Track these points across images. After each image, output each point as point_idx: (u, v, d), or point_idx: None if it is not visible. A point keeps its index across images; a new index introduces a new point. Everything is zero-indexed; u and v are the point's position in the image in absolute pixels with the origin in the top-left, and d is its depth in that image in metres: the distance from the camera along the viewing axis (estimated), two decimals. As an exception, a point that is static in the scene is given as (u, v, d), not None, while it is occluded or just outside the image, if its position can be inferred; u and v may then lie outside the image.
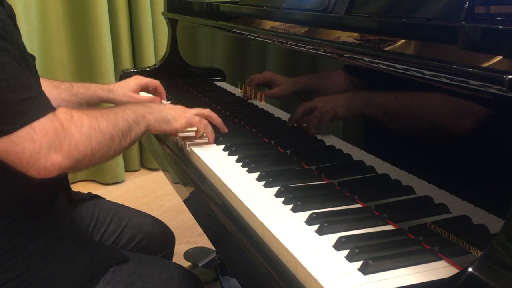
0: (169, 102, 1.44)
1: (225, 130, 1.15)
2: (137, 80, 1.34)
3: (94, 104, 1.27)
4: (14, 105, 0.76)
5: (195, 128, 1.12)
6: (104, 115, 0.89)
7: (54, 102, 1.20)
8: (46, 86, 1.20)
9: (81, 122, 0.83)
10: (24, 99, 0.77)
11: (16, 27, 0.91)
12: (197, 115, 1.09)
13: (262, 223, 0.76)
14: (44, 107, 0.79)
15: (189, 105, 1.44)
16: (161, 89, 1.40)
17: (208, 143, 1.11)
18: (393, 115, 0.83)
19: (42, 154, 0.77)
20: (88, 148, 0.83)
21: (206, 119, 1.11)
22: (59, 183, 0.99)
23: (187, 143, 1.12)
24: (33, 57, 0.94)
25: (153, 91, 1.41)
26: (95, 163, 0.87)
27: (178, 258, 1.89)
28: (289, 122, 1.11)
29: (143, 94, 1.40)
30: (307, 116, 1.05)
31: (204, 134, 1.11)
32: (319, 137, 1.02)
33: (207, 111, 1.13)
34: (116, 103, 1.31)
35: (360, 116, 0.93)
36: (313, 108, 1.03)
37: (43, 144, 0.77)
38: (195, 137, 1.14)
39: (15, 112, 0.76)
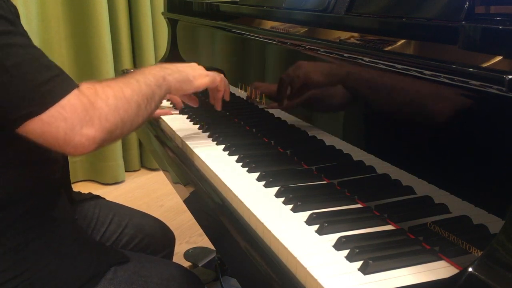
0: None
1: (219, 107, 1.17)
2: None
3: None
4: (40, 86, 0.76)
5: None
6: (126, 84, 0.89)
7: None
8: None
9: (106, 94, 0.84)
10: (49, 78, 0.77)
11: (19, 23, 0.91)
12: (213, 78, 1.10)
13: (262, 223, 0.76)
14: (69, 84, 0.80)
15: (189, 105, 1.44)
16: (176, 99, 1.38)
17: (218, 100, 1.13)
18: (393, 115, 0.83)
19: (75, 131, 0.78)
20: (117, 118, 0.84)
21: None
22: (61, 181, 0.99)
23: (188, 143, 1.12)
24: None
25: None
26: (127, 132, 0.88)
27: (178, 258, 1.89)
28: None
29: None
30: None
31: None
32: (319, 137, 1.02)
33: (221, 81, 1.14)
34: None
35: (358, 114, 0.93)
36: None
37: (74, 121, 0.78)
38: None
39: (43, 93, 0.76)
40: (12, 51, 0.75)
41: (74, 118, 0.77)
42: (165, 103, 1.44)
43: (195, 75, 1.05)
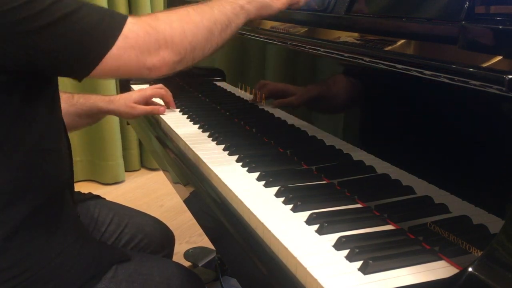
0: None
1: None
2: (141, 92, 1.33)
3: (93, 115, 1.27)
4: (99, 24, 0.78)
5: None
6: (196, 9, 0.90)
7: None
8: None
9: (170, 19, 0.85)
10: (103, 16, 0.79)
11: None
12: None
13: (262, 223, 0.76)
14: (120, 16, 0.82)
15: (189, 105, 1.44)
16: (168, 98, 1.39)
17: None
18: (393, 115, 0.83)
19: (145, 54, 0.81)
20: (185, 41, 0.85)
21: None
22: (65, 179, 0.99)
23: (188, 142, 1.12)
24: None
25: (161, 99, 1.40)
26: (200, 57, 0.90)
27: (178, 258, 1.89)
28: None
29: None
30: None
31: None
32: (319, 137, 1.02)
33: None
34: (117, 114, 1.32)
35: (358, 114, 0.93)
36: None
37: (141, 45, 0.80)
38: None
39: (104, 30, 0.78)
40: (62, 3, 0.76)
41: (139, 43, 0.80)
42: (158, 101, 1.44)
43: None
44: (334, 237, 0.71)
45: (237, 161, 1.01)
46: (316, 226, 0.74)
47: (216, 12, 0.92)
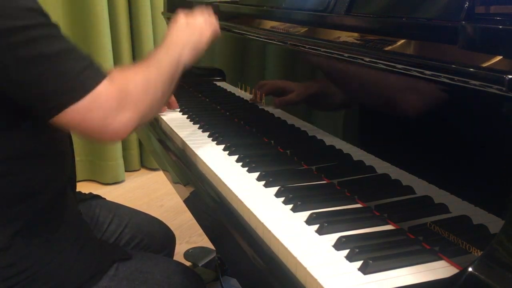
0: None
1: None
2: None
3: None
4: (76, 76, 0.77)
5: None
6: (152, 63, 0.92)
7: None
8: None
9: (135, 79, 0.86)
10: (83, 67, 0.79)
11: None
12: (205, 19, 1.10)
13: (262, 223, 0.76)
14: (100, 72, 0.81)
15: (189, 105, 1.44)
16: (171, 97, 1.38)
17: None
18: (393, 115, 0.83)
19: (111, 118, 0.79)
20: (148, 101, 0.86)
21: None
22: (67, 178, 1.00)
23: (188, 142, 1.12)
24: None
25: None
26: (156, 113, 0.94)
27: (178, 258, 1.88)
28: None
29: None
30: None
31: None
32: (319, 137, 1.02)
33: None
34: None
35: (359, 113, 0.93)
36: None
37: (108, 108, 0.79)
38: None
39: (78, 82, 0.77)
40: (49, 42, 0.76)
41: (108, 105, 0.79)
42: None
43: (203, 40, 1.06)
44: (334, 237, 0.71)
45: (237, 161, 1.01)
46: (316, 226, 0.74)
47: (167, 66, 0.94)
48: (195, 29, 1.06)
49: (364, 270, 0.63)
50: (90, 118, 0.78)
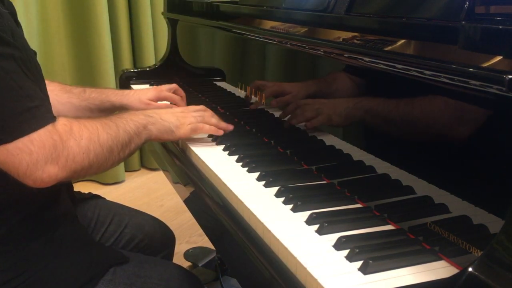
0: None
1: (222, 132, 1.10)
2: (157, 92, 1.29)
3: (105, 109, 1.25)
4: (15, 115, 0.76)
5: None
6: (105, 127, 0.89)
7: (64, 106, 1.20)
8: (58, 90, 1.20)
9: (81, 135, 0.84)
10: (25, 109, 0.77)
11: (18, 24, 0.91)
12: (196, 122, 1.06)
13: (262, 223, 0.76)
14: (44, 118, 0.80)
15: (189, 105, 1.44)
16: (182, 104, 1.34)
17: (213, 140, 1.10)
18: (393, 115, 0.83)
19: (38, 166, 0.78)
20: (85, 161, 0.84)
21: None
22: (62, 182, 0.99)
23: (188, 143, 1.12)
24: (34, 53, 0.94)
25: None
26: (92, 174, 0.88)
27: (178, 258, 1.89)
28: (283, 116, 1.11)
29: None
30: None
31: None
32: (319, 137, 1.02)
33: (207, 118, 1.09)
34: (128, 109, 1.27)
35: (361, 117, 0.93)
36: (315, 110, 1.03)
37: (39, 156, 0.77)
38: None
39: (16, 123, 0.76)
40: (8, 75, 0.75)
41: (40, 153, 0.77)
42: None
43: (178, 124, 1.04)
44: (334, 237, 0.71)
45: (237, 161, 1.01)
46: (316, 226, 0.74)
47: (121, 131, 0.92)
48: (172, 115, 1.04)
49: (364, 270, 0.63)
50: (17, 161, 0.76)
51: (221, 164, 0.99)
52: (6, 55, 0.77)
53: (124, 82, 1.75)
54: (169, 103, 1.34)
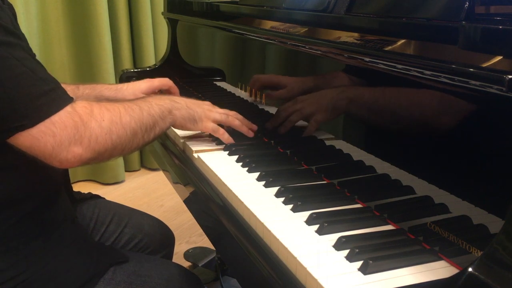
0: None
1: (251, 134, 1.10)
2: (149, 83, 1.30)
3: None
4: (34, 99, 0.77)
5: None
6: (128, 109, 0.89)
7: None
8: None
9: (102, 116, 0.84)
10: (43, 92, 0.78)
11: (17, 26, 0.91)
12: (221, 120, 1.07)
13: (262, 223, 0.76)
14: (62, 99, 0.81)
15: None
16: (175, 89, 1.36)
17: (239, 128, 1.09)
18: (393, 115, 0.83)
19: (63, 148, 0.79)
20: (108, 142, 0.84)
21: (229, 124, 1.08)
22: (60, 181, 1.00)
23: (188, 142, 1.12)
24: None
25: (167, 92, 1.39)
26: (117, 156, 0.89)
27: (178, 258, 1.89)
28: (275, 121, 1.11)
29: None
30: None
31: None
32: (319, 137, 1.02)
33: (231, 119, 1.09)
34: None
35: (361, 116, 0.93)
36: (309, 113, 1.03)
37: (63, 137, 0.79)
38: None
39: (36, 107, 0.77)
40: (8, 63, 0.76)
41: (63, 135, 0.78)
42: None
43: (202, 116, 1.04)
44: (334, 237, 0.71)
45: (237, 161, 1.01)
46: (316, 226, 0.74)
47: (145, 114, 0.92)
48: (198, 105, 1.05)
49: (364, 270, 0.63)
50: (42, 144, 0.78)
51: (221, 164, 0.99)
52: (13, 44, 0.78)
53: (124, 82, 1.75)
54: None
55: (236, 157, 1.02)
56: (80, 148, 0.81)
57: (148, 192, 2.71)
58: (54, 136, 0.78)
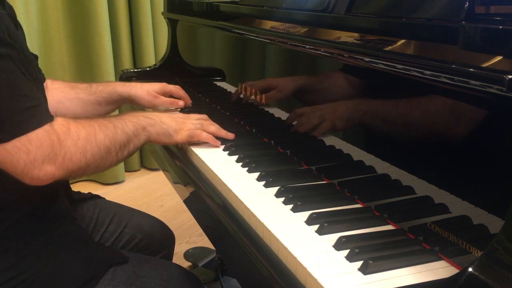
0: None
1: (219, 142, 1.09)
2: (162, 85, 1.31)
3: (114, 101, 1.25)
4: (14, 115, 0.77)
5: None
6: (102, 127, 0.89)
7: (71, 102, 1.20)
8: (63, 87, 1.21)
9: (78, 135, 0.84)
10: (24, 109, 0.78)
11: (18, 26, 0.91)
12: (195, 128, 1.07)
13: (262, 223, 0.76)
14: (42, 117, 0.80)
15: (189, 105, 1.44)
16: (187, 100, 1.35)
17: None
18: (393, 115, 0.83)
19: (36, 165, 0.79)
20: (82, 161, 0.84)
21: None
22: (59, 182, 1.00)
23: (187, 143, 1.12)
24: (35, 57, 0.94)
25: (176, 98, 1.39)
26: (90, 173, 0.89)
27: (178, 258, 1.89)
28: (289, 120, 1.11)
29: None
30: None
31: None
32: (319, 137, 1.02)
33: (206, 125, 1.09)
34: (136, 100, 1.28)
35: (361, 118, 0.93)
36: (319, 116, 1.03)
37: (37, 155, 0.78)
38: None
39: (14, 122, 0.77)
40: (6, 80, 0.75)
41: (37, 152, 0.78)
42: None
43: (177, 129, 1.04)
44: (334, 237, 0.71)
45: (237, 161, 1.01)
46: (316, 226, 0.74)
47: (119, 132, 0.92)
48: (172, 119, 1.05)
49: (364, 270, 0.63)
50: (15, 159, 0.77)
51: (221, 164, 0.99)
52: (3, 55, 0.77)
53: (125, 79, 1.75)
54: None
55: (236, 157, 1.02)
56: (53, 166, 0.81)
57: (148, 192, 2.71)
58: (28, 153, 0.78)
